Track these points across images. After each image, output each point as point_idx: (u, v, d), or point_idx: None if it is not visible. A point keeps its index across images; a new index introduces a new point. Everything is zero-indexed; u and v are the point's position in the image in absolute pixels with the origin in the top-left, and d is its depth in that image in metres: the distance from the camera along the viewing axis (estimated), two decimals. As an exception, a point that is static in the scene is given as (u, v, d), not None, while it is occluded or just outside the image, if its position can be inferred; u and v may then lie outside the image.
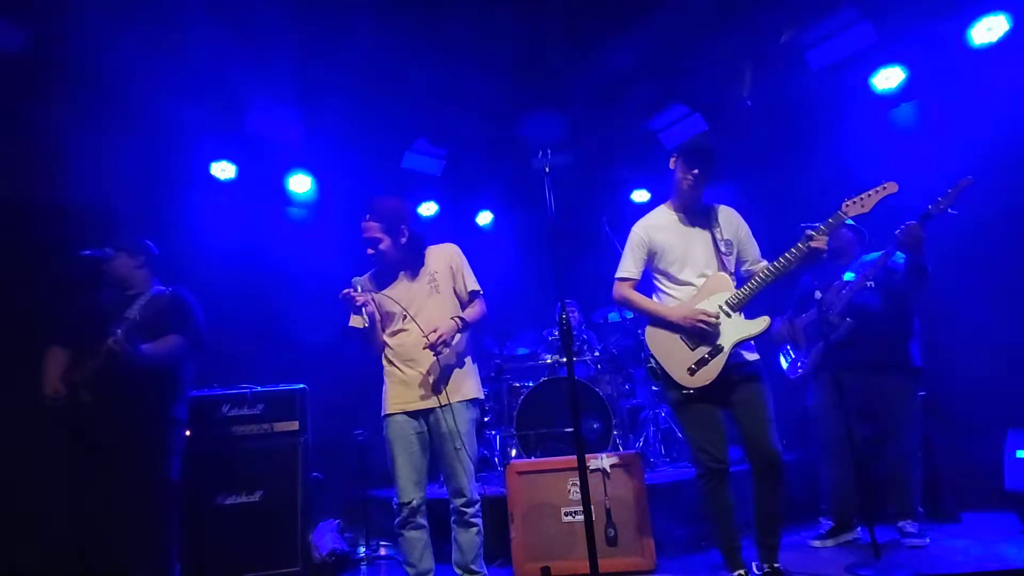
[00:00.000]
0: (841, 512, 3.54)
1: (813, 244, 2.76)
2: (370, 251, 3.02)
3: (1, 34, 3.76)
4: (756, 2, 4.25)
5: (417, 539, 2.86)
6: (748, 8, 4.26)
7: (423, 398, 2.89)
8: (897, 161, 4.39)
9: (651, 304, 3.00)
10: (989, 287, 4.03)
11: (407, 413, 2.90)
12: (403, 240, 3.03)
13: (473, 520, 2.88)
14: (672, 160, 3.02)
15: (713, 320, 2.79)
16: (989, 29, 4.10)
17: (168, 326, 3.16)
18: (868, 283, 3.45)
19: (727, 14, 4.26)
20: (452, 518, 2.92)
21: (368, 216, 3.02)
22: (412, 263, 3.07)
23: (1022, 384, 3.84)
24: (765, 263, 2.95)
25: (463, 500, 2.87)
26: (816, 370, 3.64)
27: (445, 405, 2.86)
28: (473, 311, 3.05)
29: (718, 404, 2.86)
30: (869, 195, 2.82)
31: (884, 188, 2.82)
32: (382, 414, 2.98)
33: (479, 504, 2.92)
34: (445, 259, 3.12)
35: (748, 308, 2.86)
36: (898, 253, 3.42)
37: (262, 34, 4.13)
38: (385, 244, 2.99)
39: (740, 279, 2.94)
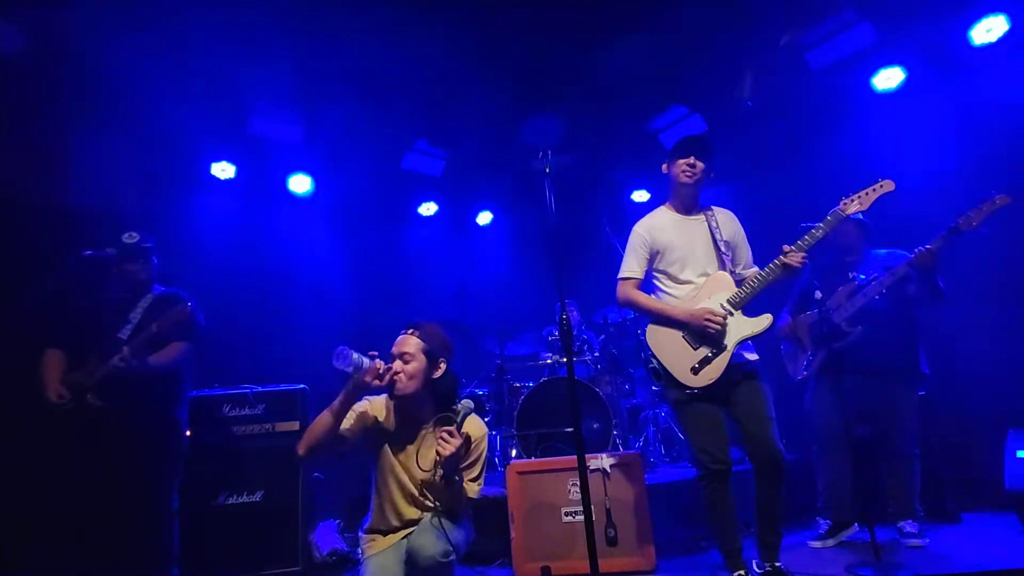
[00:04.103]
0: (838, 511, 3.55)
1: (786, 260, 2.77)
2: (392, 369, 2.48)
3: (3, 35, 3.76)
4: (757, 3, 4.25)
5: None
6: (748, 9, 4.26)
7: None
8: (897, 161, 4.39)
9: (657, 303, 2.99)
10: (989, 287, 4.04)
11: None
12: (436, 375, 2.58)
13: None
14: (665, 165, 3.03)
15: (721, 320, 2.79)
16: (989, 29, 4.11)
17: (175, 333, 3.15)
18: (882, 290, 3.43)
19: (727, 16, 4.26)
20: None
21: (411, 329, 2.58)
22: (430, 409, 2.60)
23: (1022, 384, 3.84)
24: (756, 269, 2.97)
25: None
26: (819, 372, 3.64)
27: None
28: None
29: (719, 404, 2.86)
30: (867, 193, 2.85)
31: (881, 186, 2.84)
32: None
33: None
34: (477, 436, 2.60)
35: (749, 306, 2.87)
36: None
37: (263, 35, 4.14)
38: (415, 367, 2.52)
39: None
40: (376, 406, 2.63)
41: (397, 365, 2.51)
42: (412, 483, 2.56)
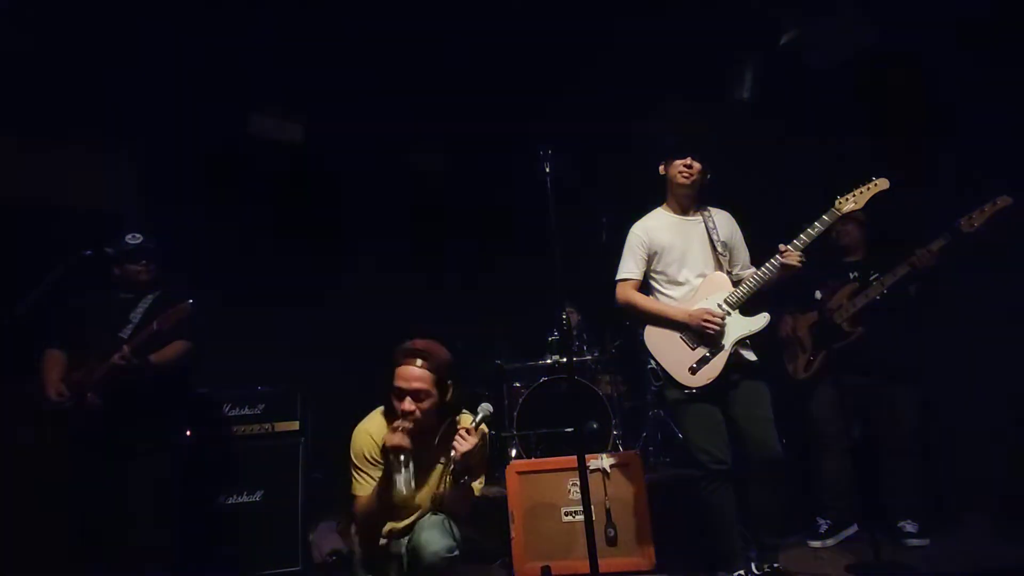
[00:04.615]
0: (838, 511, 3.55)
1: (784, 260, 2.77)
2: (408, 408, 2.34)
3: (3, 34, 3.76)
4: (756, 2, 4.25)
5: None
6: (748, 8, 4.26)
7: None
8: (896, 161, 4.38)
9: (655, 304, 3.00)
10: (989, 287, 4.03)
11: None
12: (448, 398, 2.48)
13: None
14: (662, 166, 3.04)
15: (719, 320, 2.79)
16: (989, 29, 4.10)
17: (175, 331, 3.15)
18: (883, 291, 3.44)
19: (727, 14, 4.26)
20: None
21: (419, 360, 2.38)
22: (434, 420, 2.47)
23: (1022, 385, 3.84)
24: (753, 269, 2.97)
25: None
26: (820, 372, 3.64)
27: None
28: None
29: (718, 404, 2.87)
30: (861, 191, 2.86)
31: (876, 184, 2.85)
32: None
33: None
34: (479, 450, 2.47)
35: (746, 306, 2.87)
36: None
37: (262, 34, 4.14)
38: (431, 402, 2.39)
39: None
40: (377, 437, 2.48)
41: (409, 404, 2.36)
42: (418, 489, 2.52)
